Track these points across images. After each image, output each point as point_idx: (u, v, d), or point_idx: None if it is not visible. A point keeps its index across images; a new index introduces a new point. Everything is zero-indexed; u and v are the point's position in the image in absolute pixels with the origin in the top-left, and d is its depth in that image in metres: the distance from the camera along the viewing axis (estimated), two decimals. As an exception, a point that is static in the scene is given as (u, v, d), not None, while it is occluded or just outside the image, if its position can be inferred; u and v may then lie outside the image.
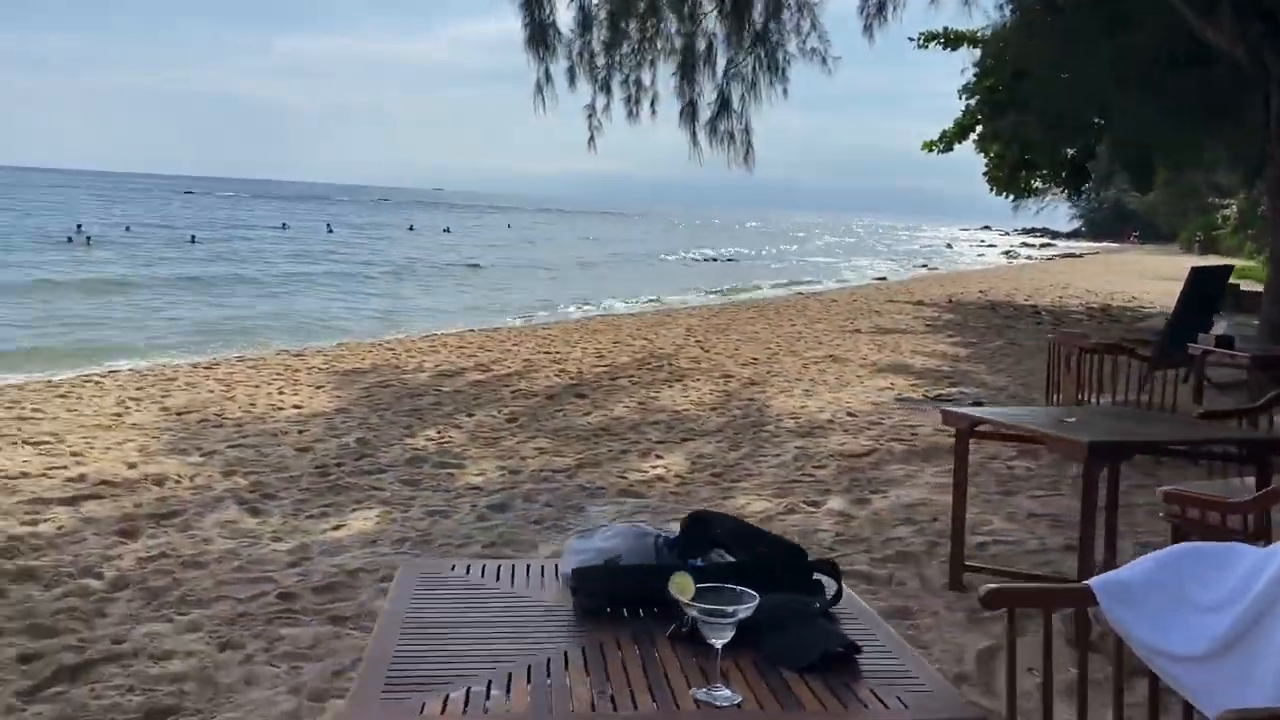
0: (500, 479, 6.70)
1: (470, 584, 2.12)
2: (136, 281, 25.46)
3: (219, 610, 4.20)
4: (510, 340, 14.93)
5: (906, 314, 20.67)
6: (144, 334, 16.71)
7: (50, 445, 7.52)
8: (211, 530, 5.42)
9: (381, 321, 19.32)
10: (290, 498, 6.14)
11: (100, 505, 5.90)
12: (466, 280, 31.47)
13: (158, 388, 10.26)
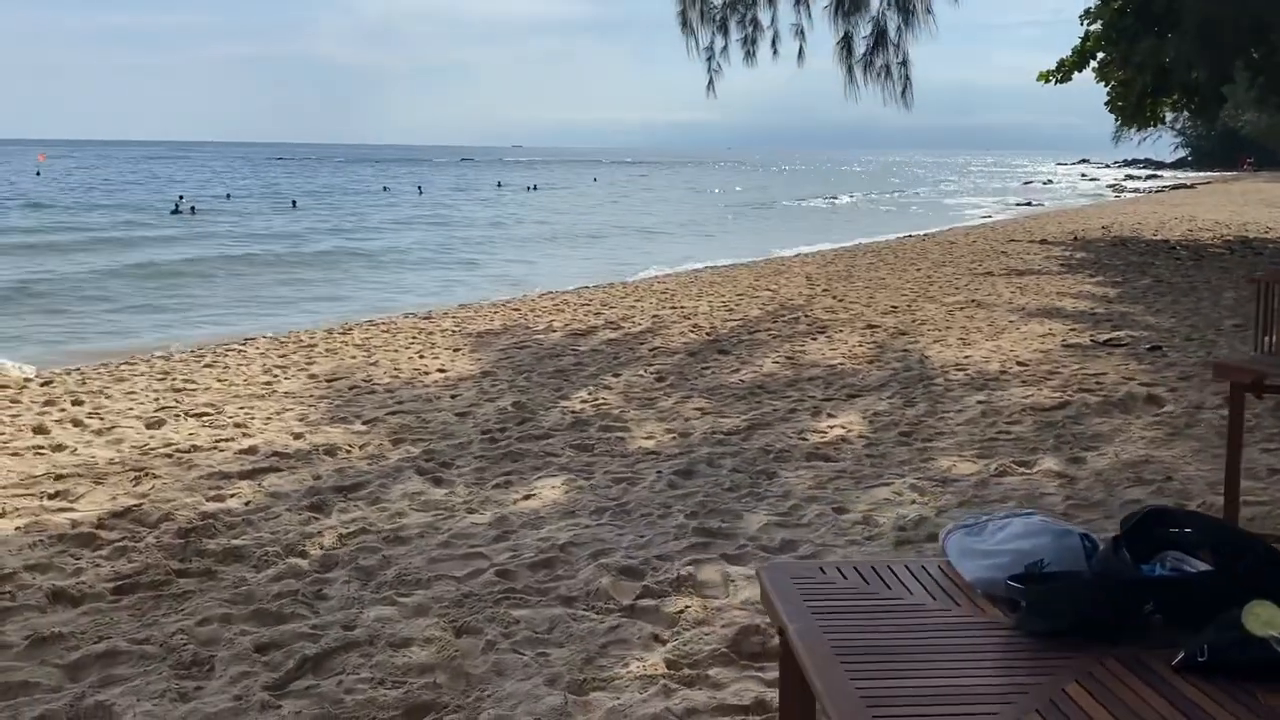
0: (673, 442, 6.46)
1: (866, 594, 1.83)
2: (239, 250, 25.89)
3: (441, 591, 4.03)
4: (631, 296, 14.67)
5: (1034, 254, 19.83)
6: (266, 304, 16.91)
7: (212, 416, 7.52)
8: (401, 503, 5.28)
9: (499, 281, 19.26)
10: (469, 466, 5.99)
11: (280, 479, 5.82)
12: (570, 238, 31.32)
13: (300, 355, 10.26)
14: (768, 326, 11.24)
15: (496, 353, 10.12)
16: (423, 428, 7.00)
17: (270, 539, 4.73)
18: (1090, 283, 15.03)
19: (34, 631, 3.71)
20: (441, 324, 12.28)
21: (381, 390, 8.39)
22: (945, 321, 11.24)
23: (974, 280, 15.37)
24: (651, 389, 8.18)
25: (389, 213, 41.88)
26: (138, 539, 4.75)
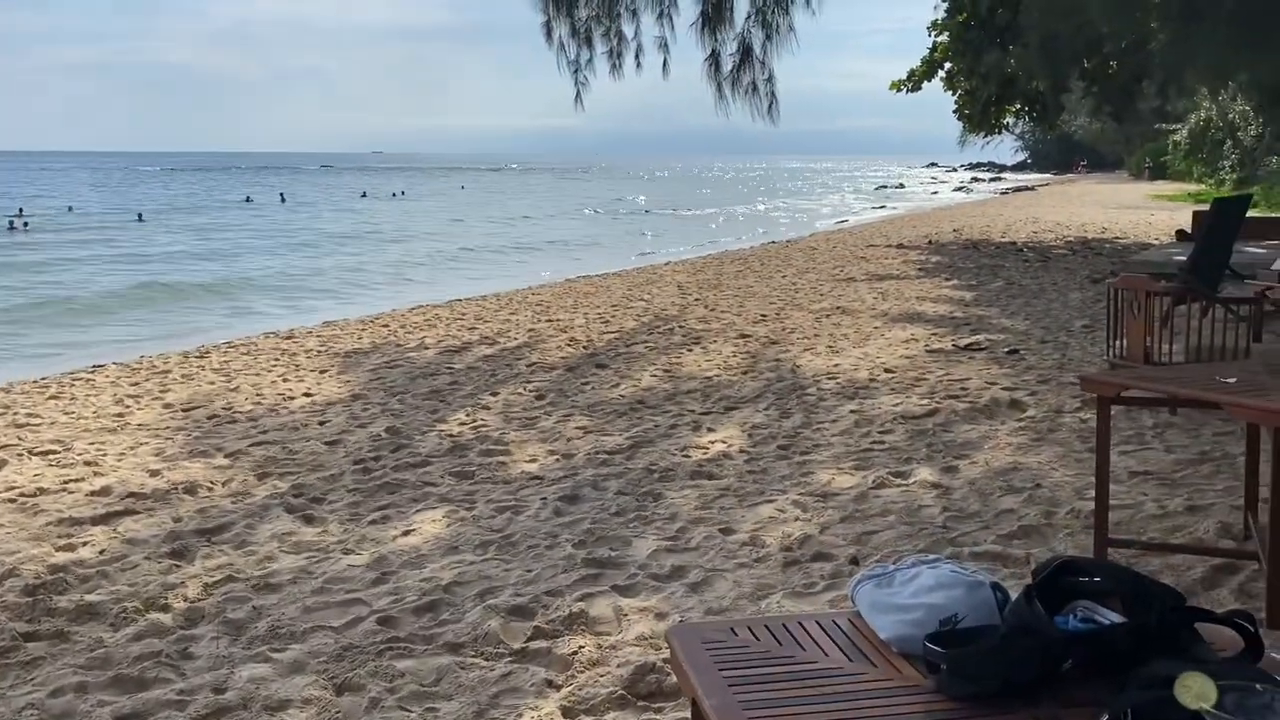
0: (556, 464, 6.35)
1: (782, 659, 1.76)
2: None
3: (318, 644, 3.81)
4: (505, 308, 14.47)
5: (892, 258, 20.45)
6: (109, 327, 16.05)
7: (59, 455, 7.02)
8: (270, 545, 5.01)
9: (364, 296, 18.73)
10: (341, 501, 5.74)
11: (137, 522, 5.46)
12: (434, 245, 30.77)
13: (154, 382, 9.72)
14: (644, 338, 11.22)
15: (367, 373, 9.80)
16: (290, 459, 6.69)
17: (128, 592, 4.41)
18: (947, 286, 15.55)
19: None
20: (305, 344, 11.83)
21: (244, 419, 8.00)
22: (813, 329, 11.43)
23: (837, 286, 15.72)
24: (531, 408, 8.04)
25: (250, 219, 40.46)
26: (-26, 602, 4.37)
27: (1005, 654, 1.57)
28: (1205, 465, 5.73)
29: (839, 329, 11.40)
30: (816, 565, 4.44)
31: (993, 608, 1.76)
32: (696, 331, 11.53)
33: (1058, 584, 1.73)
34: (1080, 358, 9.25)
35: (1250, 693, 1.28)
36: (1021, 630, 1.62)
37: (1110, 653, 1.58)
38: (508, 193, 70.17)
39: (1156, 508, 4.99)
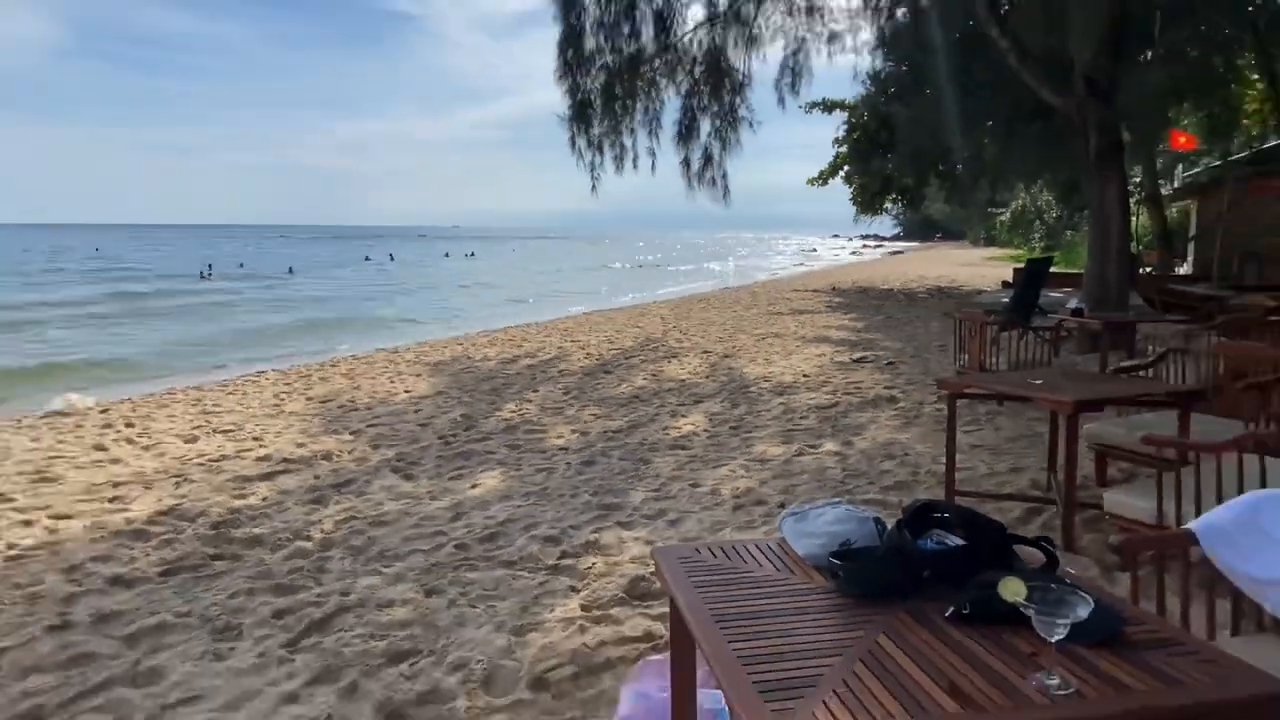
0: (577, 440, 6.32)
1: (730, 569, 1.76)
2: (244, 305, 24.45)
3: (413, 562, 3.80)
4: (541, 333, 14.42)
5: (808, 299, 20.43)
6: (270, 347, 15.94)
7: (234, 432, 6.99)
8: (380, 494, 4.99)
9: (444, 325, 18.63)
10: (430, 464, 5.71)
11: (289, 479, 5.42)
12: (495, 290, 30.69)
13: (300, 383, 9.67)
14: (638, 354, 11.19)
15: (447, 377, 9.76)
16: (394, 435, 6.66)
17: (282, 527, 4.39)
18: (846, 319, 15.54)
19: (97, 610, 3.33)
20: (405, 356, 11.78)
21: (363, 408, 7.96)
22: (755, 348, 11.41)
23: (770, 318, 15.70)
24: (560, 400, 8.01)
25: (366, 274, 40.26)
26: (180, 532, 4.34)
27: (883, 566, 1.58)
28: (1022, 441, 5.73)
29: (772, 348, 11.38)
30: (757, 508, 4.43)
31: (874, 535, 1.78)
32: (674, 349, 11.50)
33: (920, 518, 1.74)
34: (937, 368, 9.25)
35: (1048, 590, 1.29)
36: (894, 550, 1.63)
37: (955, 566, 1.59)
38: (546, 253, 70.06)
39: (988, 469, 4.99)
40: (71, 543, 4.20)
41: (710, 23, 12.33)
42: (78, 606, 3.39)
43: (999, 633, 1.39)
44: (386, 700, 2.57)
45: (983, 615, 1.42)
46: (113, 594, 3.53)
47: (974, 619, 1.42)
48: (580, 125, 12.80)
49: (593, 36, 11.49)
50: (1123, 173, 10.09)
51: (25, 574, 3.77)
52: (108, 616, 3.26)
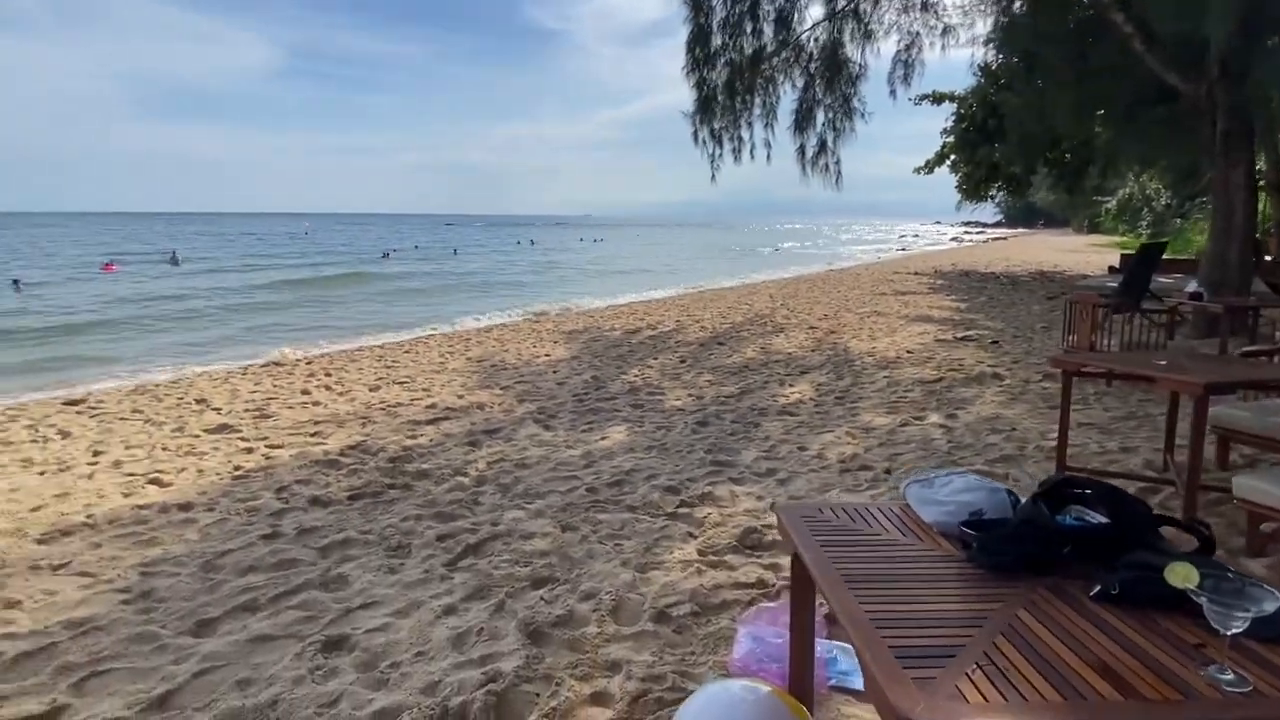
0: (692, 402, 6.21)
1: (854, 530, 1.61)
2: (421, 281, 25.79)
3: (551, 501, 3.84)
4: (660, 308, 14.37)
5: (910, 282, 19.23)
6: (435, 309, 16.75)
7: (408, 384, 7.38)
8: (525, 441, 5.10)
9: (577, 299, 18.95)
10: (566, 418, 5.79)
11: (450, 424, 5.65)
12: (621, 270, 30.92)
13: (460, 345, 10.10)
14: (748, 328, 10.91)
15: (580, 344, 9.90)
16: (536, 392, 6.81)
17: (445, 464, 4.57)
18: (948, 300, 14.50)
19: (299, 524, 3.58)
20: (545, 325, 12.07)
21: (510, 368, 8.21)
22: (859, 325, 10.85)
23: (874, 298, 14.89)
24: (677, 368, 7.93)
25: (515, 255, 41.62)
26: (364, 463, 4.61)
27: (1018, 538, 1.37)
28: (1131, 421, 5.10)
29: (876, 325, 10.78)
30: (862, 473, 4.17)
31: (1007, 507, 1.56)
32: (781, 324, 11.13)
33: (1057, 493, 1.51)
34: (1040, 347, 8.44)
35: (1224, 579, 1.06)
36: (1029, 523, 1.42)
37: (1098, 544, 1.36)
38: (664, 238, 69.86)
39: (1099, 448, 4.46)
40: (281, 468, 4.55)
41: (829, 20, 11.61)
42: (285, 520, 3.66)
43: (1153, 618, 1.17)
44: (529, 619, 2.59)
45: (1133, 597, 1.20)
46: (311, 512, 3.78)
47: (1123, 600, 1.20)
48: (704, 118, 12.46)
49: (718, 35, 11.10)
50: (1250, 156, 8.72)
51: (246, 491, 4.12)
52: (307, 531, 3.49)
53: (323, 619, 2.67)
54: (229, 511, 3.79)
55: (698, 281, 23.10)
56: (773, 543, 3.16)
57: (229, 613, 2.74)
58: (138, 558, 3.22)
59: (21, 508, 3.90)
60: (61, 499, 4.04)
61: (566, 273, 28.52)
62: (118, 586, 2.95)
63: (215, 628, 2.64)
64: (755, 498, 3.78)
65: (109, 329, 13.56)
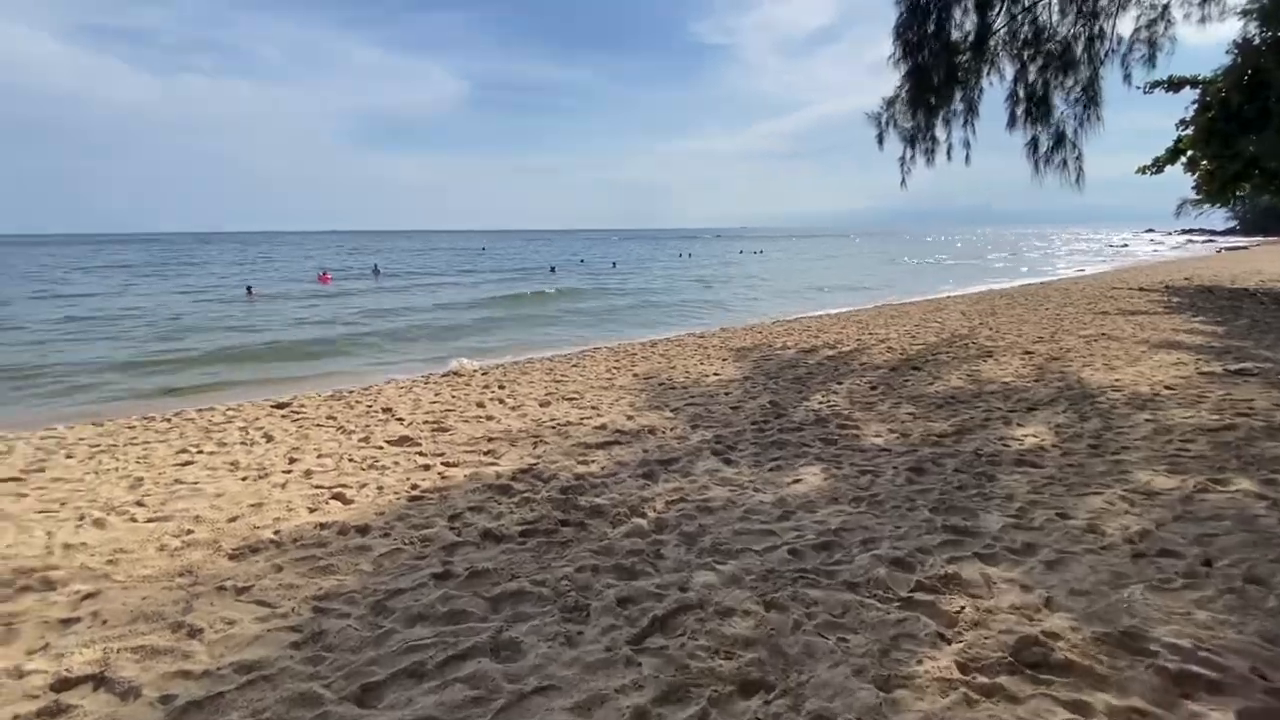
0: (897, 441, 5.29)
1: None
2: (588, 293, 26.36)
3: (747, 563, 3.21)
4: (837, 324, 13.28)
5: (1137, 298, 16.34)
6: (599, 326, 16.84)
7: (577, 400, 7.14)
8: (704, 477, 4.53)
9: (741, 313, 18.25)
10: (747, 450, 5.14)
11: (622, 450, 5.23)
12: (784, 282, 29.75)
13: (626, 360, 9.84)
14: (945, 350, 9.60)
15: (751, 363, 9.22)
16: (710, 417, 6.24)
17: (620, 499, 4.11)
18: (1195, 321, 11.97)
19: (471, 564, 3.26)
20: (711, 341, 11.52)
21: (679, 387, 7.73)
22: (1086, 350, 9.13)
23: (1096, 318, 12.69)
24: (868, 395, 6.99)
25: (675, 267, 41.74)
26: (536, 491, 4.29)
27: None
28: None
29: (1109, 351, 9.01)
30: (1166, 561, 3.10)
31: None
32: (987, 347, 9.68)
33: None
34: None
35: None
36: None
37: None
38: (827, 249, 66.99)
39: None
40: (455, 490, 4.35)
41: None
42: (456, 557, 3.37)
43: None
44: (741, 745, 1.98)
45: None
46: (483, 548, 3.47)
47: None
48: (919, 110, 11.24)
49: (933, 13, 9.94)
50: None
51: (421, 516, 3.92)
52: (478, 574, 3.16)
53: (493, 702, 2.25)
54: (403, 540, 3.58)
55: (872, 295, 21.47)
56: (1068, 664, 2.30)
57: (394, 676, 2.41)
58: (313, 588, 3.05)
59: (221, 517, 3.98)
60: (256, 510, 4.09)
61: (728, 286, 27.90)
62: (291, 623, 2.76)
63: (380, 695, 2.32)
64: (1020, 587, 2.89)
65: (320, 332, 15.04)
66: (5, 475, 4.97)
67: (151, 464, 5.22)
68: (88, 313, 18.93)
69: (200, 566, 3.27)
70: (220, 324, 16.53)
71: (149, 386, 9.80)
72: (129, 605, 2.88)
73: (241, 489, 4.51)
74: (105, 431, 6.53)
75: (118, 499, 4.32)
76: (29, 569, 3.24)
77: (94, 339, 14.25)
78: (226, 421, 6.78)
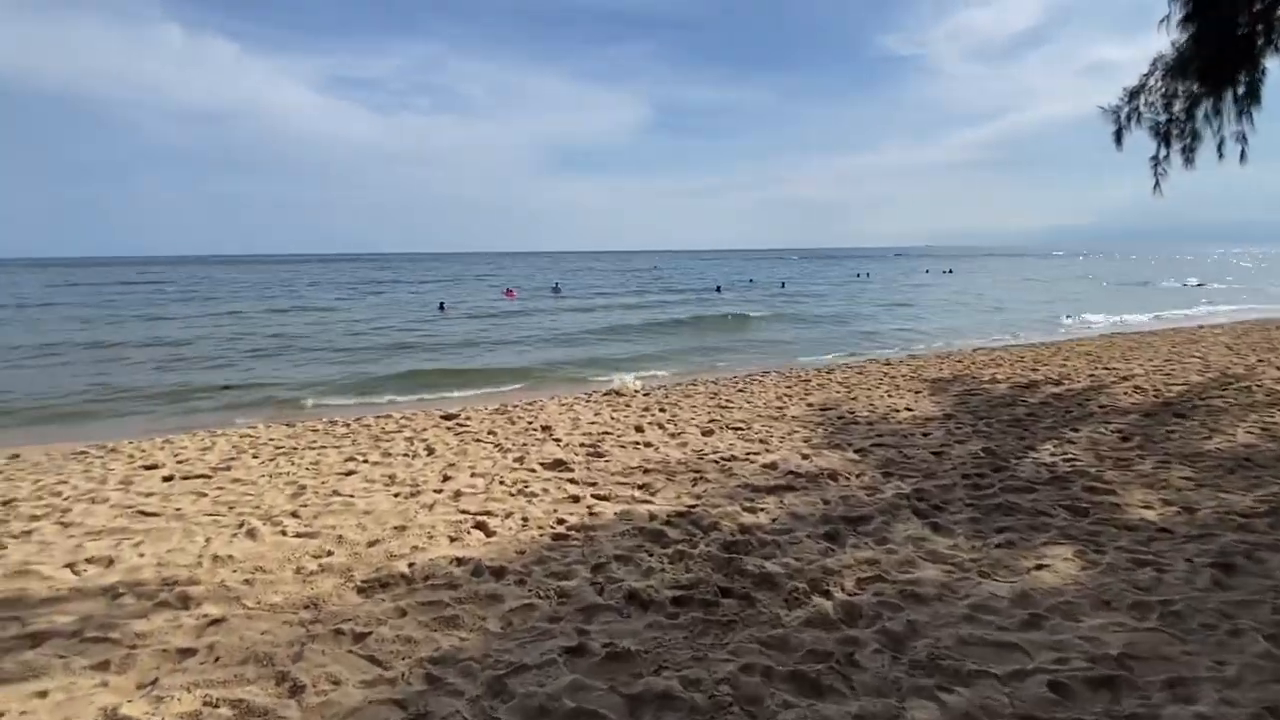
0: (1179, 518, 3.94)
1: None
2: (752, 313, 25.39)
3: (986, 695, 2.29)
4: (1058, 355, 11.23)
5: None
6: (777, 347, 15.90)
7: (743, 431, 6.40)
8: (907, 546, 3.59)
9: (933, 339, 16.33)
10: (961, 514, 4.09)
11: (797, 498, 4.41)
12: (981, 306, 26.63)
13: (798, 387, 8.90)
14: (1216, 393, 7.56)
15: (952, 398, 7.88)
16: (906, 462, 5.20)
17: (796, 567, 3.32)
18: None
19: (610, 639, 2.66)
20: (899, 370, 10.18)
21: (863, 422, 6.70)
22: None
23: None
24: (1120, 449, 5.50)
25: (854, 288, 39.36)
26: (693, 542, 3.64)
27: None
28: None
29: None
30: None
31: None
32: (1276, 391, 7.49)
33: None
34: None
35: None
36: None
37: None
38: (1029, 270, 59.86)
39: None
40: (603, 532, 3.82)
41: None
42: (595, 624, 2.80)
43: None
44: None
45: None
46: (627, 618, 2.87)
47: None
48: (1128, 118, 9.25)
49: None
50: None
51: (562, 562, 3.42)
52: (619, 657, 2.56)
53: None
54: (539, 590, 3.09)
55: (1094, 321, 18.34)
56: None
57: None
58: (430, 646, 2.63)
59: (363, 539, 3.78)
60: (398, 534, 3.85)
61: (914, 308, 25.50)
62: (398, 693, 2.34)
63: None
64: None
65: (498, 344, 15.71)
66: (198, 472, 5.29)
67: (319, 471, 5.30)
68: (311, 322, 21.52)
69: (327, 599, 3.00)
70: (412, 334, 17.93)
71: (342, 388, 10.58)
72: (246, 640, 2.64)
73: (390, 507, 4.34)
74: (293, 433, 6.91)
75: (278, 508, 4.32)
76: (174, 580, 3.17)
77: (310, 347, 16.00)
78: (397, 430, 6.91)
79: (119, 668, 2.47)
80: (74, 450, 6.43)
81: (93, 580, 3.20)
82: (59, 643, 2.62)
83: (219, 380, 11.37)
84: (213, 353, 14.73)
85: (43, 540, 3.80)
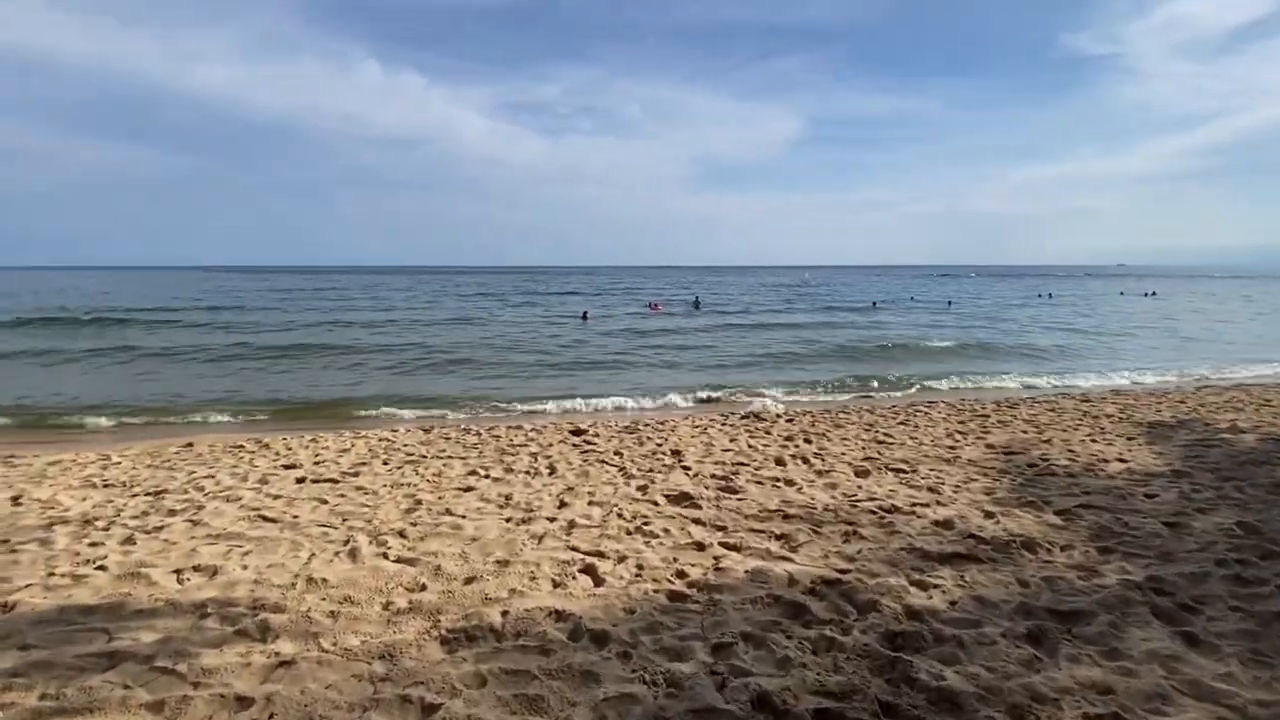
0: None
1: None
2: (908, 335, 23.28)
3: None
4: (1320, 400, 8.93)
5: None
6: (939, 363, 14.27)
7: (907, 475, 5.44)
8: (1150, 667, 2.61)
9: (1138, 373, 13.84)
10: (1226, 619, 3.00)
11: (983, 575, 3.49)
12: (1198, 335, 22.60)
13: (975, 423, 7.66)
14: None
15: (1178, 448, 6.35)
16: (1129, 535, 4.05)
17: (990, 683, 2.49)
18: None
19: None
20: (1104, 408, 8.53)
21: (1062, 473, 5.48)
22: None
23: None
24: None
25: (1036, 310, 35.30)
26: (844, 626, 2.90)
27: None
28: None
29: None
30: None
31: None
32: None
33: None
34: None
35: None
36: None
37: None
38: (1253, 293, 50.58)
39: None
40: (729, 595, 3.17)
41: None
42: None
43: None
44: None
45: None
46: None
47: None
48: None
49: None
50: None
51: (675, 632, 2.81)
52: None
53: None
54: (643, 673, 2.53)
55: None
56: None
57: None
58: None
59: (462, 573, 3.43)
60: (499, 571, 3.46)
61: (1113, 336, 22.16)
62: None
63: None
64: None
65: (634, 356, 15.49)
66: (328, 475, 5.30)
67: (438, 485, 5.12)
68: (477, 332, 22.67)
69: (405, 650, 2.63)
70: (555, 342, 18.22)
71: (477, 394, 10.70)
72: (307, 696, 2.30)
73: (498, 535, 3.98)
74: (426, 439, 6.91)
75: (389, 524, 4.12)
76: (262, 603, 2.97)
77: (470, 347, 16.68)
78: (523, 444, 6.68)
79: (172, 712, 2.21)
80: (233, 443, 6.82)
81: (191, 593, 3.09)
82: (130, 669, 2.44)
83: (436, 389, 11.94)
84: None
85: (168, 539, 3.83)
